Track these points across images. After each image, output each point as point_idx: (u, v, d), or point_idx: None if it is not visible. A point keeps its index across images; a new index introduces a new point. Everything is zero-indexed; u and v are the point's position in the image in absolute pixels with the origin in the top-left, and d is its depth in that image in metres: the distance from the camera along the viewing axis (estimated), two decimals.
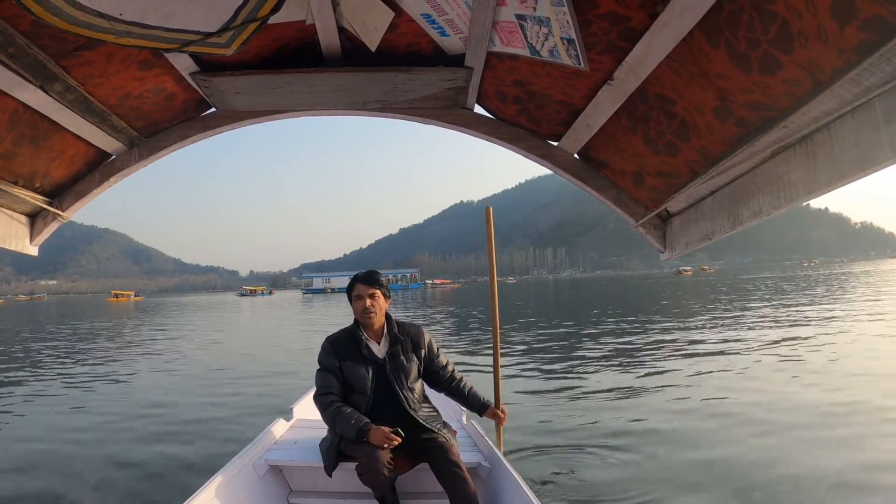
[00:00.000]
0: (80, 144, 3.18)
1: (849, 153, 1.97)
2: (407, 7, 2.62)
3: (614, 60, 2.54)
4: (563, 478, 5.28)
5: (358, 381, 3.37)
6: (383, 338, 3.50)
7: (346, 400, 3.36)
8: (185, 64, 2.88)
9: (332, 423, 3.30)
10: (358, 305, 3.45)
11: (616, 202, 3.49)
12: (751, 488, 4.86)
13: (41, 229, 3.43)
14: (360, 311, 3.45)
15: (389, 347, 3.47)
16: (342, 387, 3.40)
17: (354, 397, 3.37)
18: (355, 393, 3.38)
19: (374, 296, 3.44)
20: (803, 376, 9.42)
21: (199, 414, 8.56)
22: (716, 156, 2.63)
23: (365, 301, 3.43)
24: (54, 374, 13.47)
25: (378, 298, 3.45)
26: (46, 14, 2.01)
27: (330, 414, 3.30)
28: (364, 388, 3.36)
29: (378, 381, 3.39)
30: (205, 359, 15.61)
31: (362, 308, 3.43)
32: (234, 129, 3.47)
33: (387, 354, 3.45)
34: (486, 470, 3.50)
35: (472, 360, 12.94)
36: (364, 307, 3.42)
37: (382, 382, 3.39)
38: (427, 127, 3.66)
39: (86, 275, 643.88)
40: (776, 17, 1.82)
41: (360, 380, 3.37)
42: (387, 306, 3.54)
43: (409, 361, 3.47)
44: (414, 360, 3.50)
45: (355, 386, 3.37)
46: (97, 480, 5.60)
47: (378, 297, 3.46)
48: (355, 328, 3.50)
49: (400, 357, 3.45)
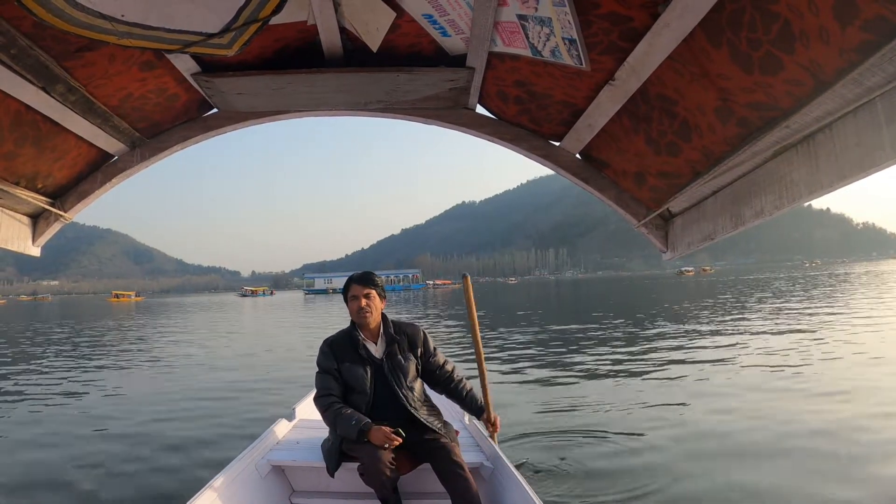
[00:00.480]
0: (83, 145, 3.19)
1: (851, 153, 1.97)
2: (408, 7, 2.62)
3: (616, 60, 2.54)
4: (566, 477, 5.28)
5: (357, 381, 3.38)
6: (380, 338, 3.52)
7: (346, 401, 3.37)
8: (187, 65, 2.89)
9: (333, 425, 3.31)
10: (353, 306, 3.48)
11: (618, 202, 3.49)
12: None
13: (43, 230, 3.44)
14: (355, 312, 3.47)
15: (386, 347, 3.49)
16: (342, 388, 3.41)
17: (354, 398, 3.38)
18: (355, 393, 3.39)
19: (370, 296, 3.47)
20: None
21: (201, 415, 8.57)
22: (717, 156, 2.63)
23: (360, 301, 3.45)
24: (56, 373, 13.49)
25: (373, 299, 3.48)
26: (48, 15, 2.01)
27: (331, 415, 3.31)
28: (363, 388, 3.38)
29: (377, 381, 3.41)
30: (204, 361, 15.60)
31: (357, 308, 3.45)
32: (236, 129, 3.48)
33: (384, 354, 3.47)
34: (489, 470, 3.50)
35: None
36: (359, 307, 3.45)
37: (381, 382, 3.41)
38: (428, 127, 3.68)
39: (88, 275, 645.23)
40: (778, 17, 1.82)
41: (360, 380, 3.38)
42: (382, 306, 3.56)
43: (406, 360, 3.48)
44: (411, 358, 3.51)
45: (355, 387, 3.39)
46: (95, 481, 5.60)
47: (373, 297, 3.48)
48: (352, 329, 3.52)
49: (397, 356, 3.46)
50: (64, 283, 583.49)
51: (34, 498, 5.26)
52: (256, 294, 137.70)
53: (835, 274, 69.29)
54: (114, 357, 16.92)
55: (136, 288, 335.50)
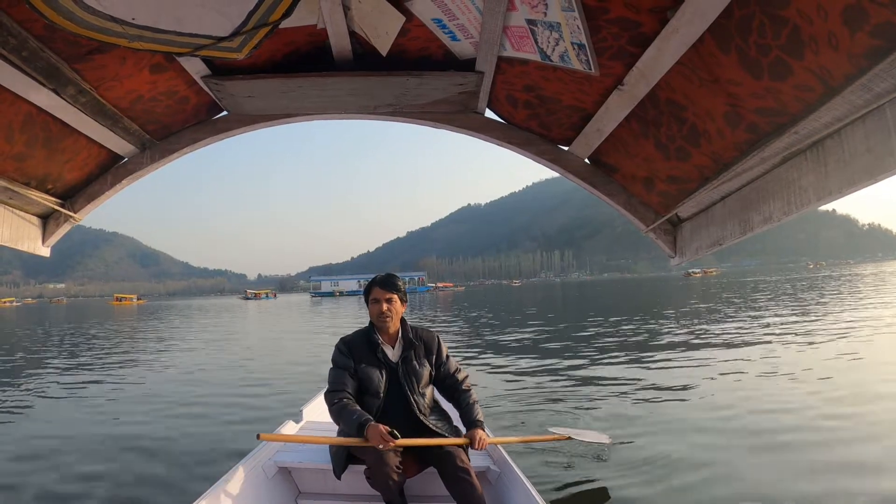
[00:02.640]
0: (93, 147, 3.21)
1: (860, 159, 1.97)
2: (418, 12, 2.63)
3: (625, 66, 2.55)
4: (570, 479, 5.27)
5: (371, 383, 3.38)
6: (397, 342, 3.51)
7: (359, 402, 3.37)
8: (197, 68, 2.90)
9: (338, 419, 3.30)
10: (374, 309, 3.46)
11: (627, 207, 3.49)
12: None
13: (53, 230, 3.46)
14: (376, 315, 3.46)
15: (403, 352, 3.48)
16: (356, 386, 3.40)
17: (367, 399, 3.38)
18: (368, 395, 3.38)
19: (391, 300, 3.45)
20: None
21: (204, 417, 8.57)
22: (726, 161, 2.63)
23: (381, 305, 3.44)
24: (59, 371, 13.54)
25: (395, 303, 3.46)
26: (59, 18, 2.04)
27: (336, 409, 3.30)
28: (377, 390, 3.37)
29: (390, 385, 3.40)
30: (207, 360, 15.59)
31: (378, 312, 3.44)
32: (246, 132, 3.49)
33: (400, 359, 3.46)
34: (495, 474, 3.50)
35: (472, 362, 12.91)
36: (380, 311, 3.43)
37: (395, 386, 3.40)
38: (434, 130, 3.68)
39: (94, 278, 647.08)
40: (787, 22, 1.82)
41: (374, 383, 3.38)
42: (403, 311, 3.54)
43: (421, 367, 3.47)
44: (426, 365, 3.50)
45: (369, 388, 3.38)
46: (101, 481, 5.61)
47: (395, 301, 3.46)
48: (370, 331, 3.50)
49: (413, 362, 3.45)
50: (70, 285, 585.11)
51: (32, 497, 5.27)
52: (259, 297, 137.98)
53: (844, 275, 68.60)
54: (108, 361, 16.93)
55: (142, 291, 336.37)
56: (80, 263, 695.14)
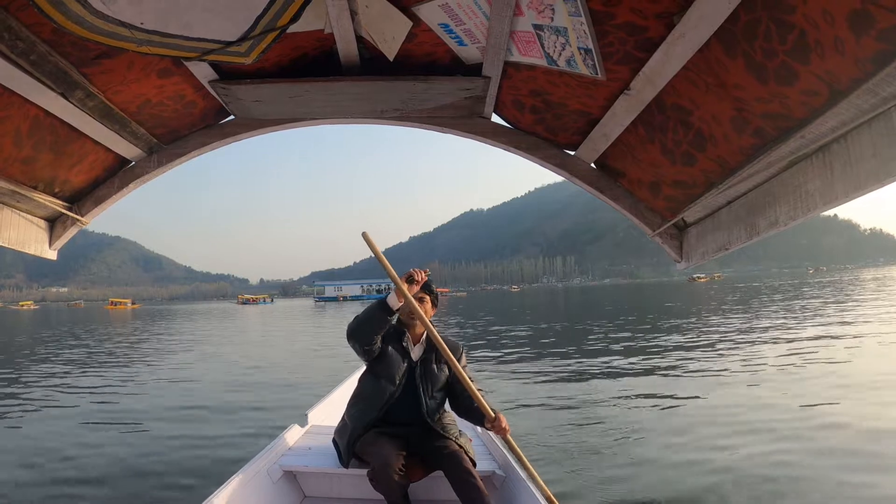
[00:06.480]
0: (100, 151, 3.22)
1: (866, 164, 1.97)
2: (424, 17, 2.64)
3: (631, 70, 2.55)
4: (577, 484, 5.27)
5: (390, 368, 3.38)
6: (420, 342, 3.53)
7: (373, 384, 3.38)
8: (205, 72, 2.91)
9: (362, 317, 3.30)
10: (405, 307, 3.45)
11: (633, 212, 3.49)
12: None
13: (60, 234, 3.47)
14: (406, 313, 3.48)
15: (424, 353, 3.49)
16: (378, 350, 3.39)
17: (382, 383, 3.38)
18: (385, 379, 3.38)
19: (423, 300, 3.48)
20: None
21: (209, 420, 8.58)
22: (732, 166, 2.63)
23: None
24: (60, 373, 13.55)
25: (426, 304, 3.49)
26: (68, 22, 2.05)
27: (358, 317, 3.32)
28: (394, 377, 3.38)
29: (406, 379, 3.41)
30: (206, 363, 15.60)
31: (409, 311, 3.45)
32: (253, 136, 3.50)
33: (420, 359, 3.47)
34: (501, 478, 3.50)
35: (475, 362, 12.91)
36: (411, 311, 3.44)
37: (410, 383, 3.41)
38: (437, 134, 3.70)
39: (97, 282, 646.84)
40: (793, 27, 1.83)
41: (393, 368, 3.39)
42: (432, 314, 3.56)
43: (440, 371, 3.47)
44: (445, 370, 3.49)
45: (387, 371, 3.39)
46: (107, 485, 5.62)
47: (426, 302, 3.49)
48: (399, 324, 3.53)
49: (431, 364, 3.46)
50: (73, 289, 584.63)
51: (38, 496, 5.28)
52: (256, 302, 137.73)
53: (845, 280, 68.54)
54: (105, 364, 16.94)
55: (145, 295, 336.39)
56: (83, 267, 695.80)
